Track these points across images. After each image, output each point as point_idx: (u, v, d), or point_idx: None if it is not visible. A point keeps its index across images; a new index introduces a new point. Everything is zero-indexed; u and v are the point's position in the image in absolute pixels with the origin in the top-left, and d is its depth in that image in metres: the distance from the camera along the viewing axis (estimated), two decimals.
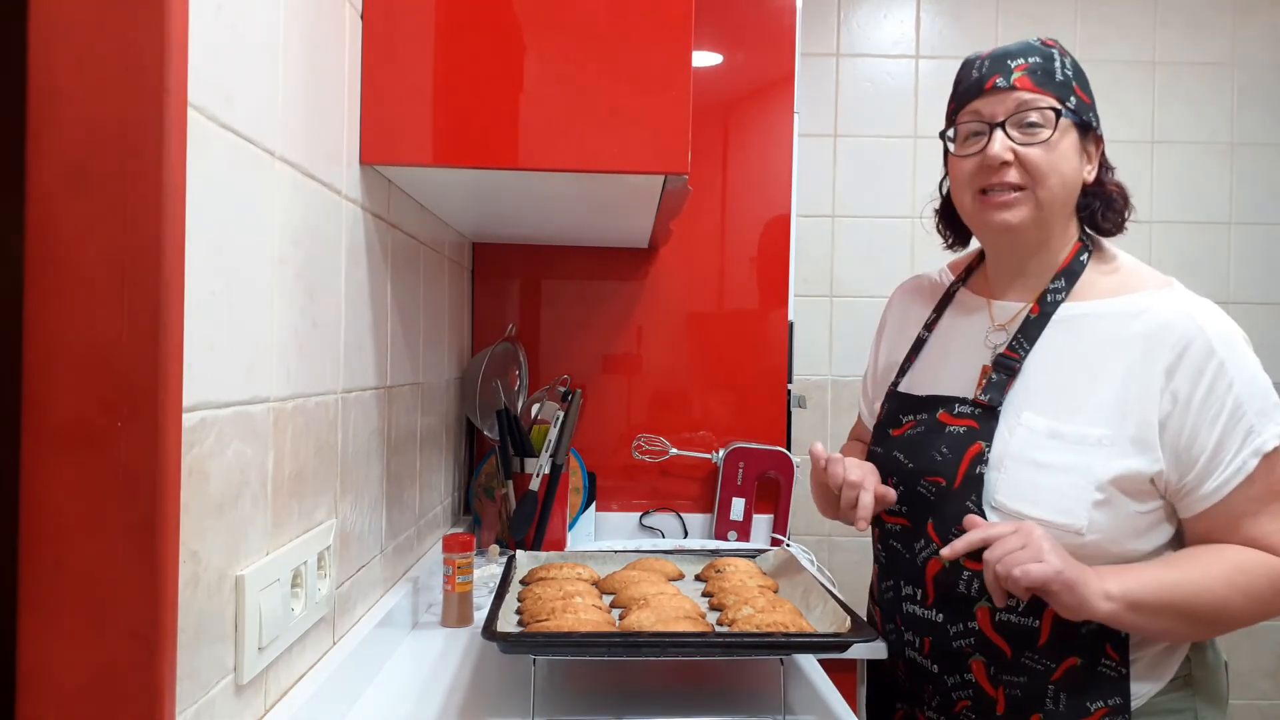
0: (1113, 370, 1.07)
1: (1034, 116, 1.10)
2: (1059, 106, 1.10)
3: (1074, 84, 1.13)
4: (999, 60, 1.13)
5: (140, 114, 0.63)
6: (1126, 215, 1.16)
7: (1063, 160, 1.11)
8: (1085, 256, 1.15)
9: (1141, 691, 1.08)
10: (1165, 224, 2.70)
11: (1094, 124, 1.14)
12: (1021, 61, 1.12)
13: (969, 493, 1.09)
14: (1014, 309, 1.18)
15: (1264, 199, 2.72)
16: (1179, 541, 1.10)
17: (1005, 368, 1.12)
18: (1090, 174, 1.15)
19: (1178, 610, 1.01)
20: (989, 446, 1.09)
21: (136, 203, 0.63)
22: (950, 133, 1.19)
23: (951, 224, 1.28)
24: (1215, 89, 2.70)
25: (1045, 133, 1.10)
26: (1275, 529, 1.04)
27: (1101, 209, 1.15)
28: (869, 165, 2.66)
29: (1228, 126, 2.71)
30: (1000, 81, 1.11)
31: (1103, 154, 1.17)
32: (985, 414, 1.11)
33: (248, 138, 0.79)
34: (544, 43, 1.16)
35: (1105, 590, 0.99)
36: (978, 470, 1.09)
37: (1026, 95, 1.10)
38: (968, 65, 1.18)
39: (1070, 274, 1.14)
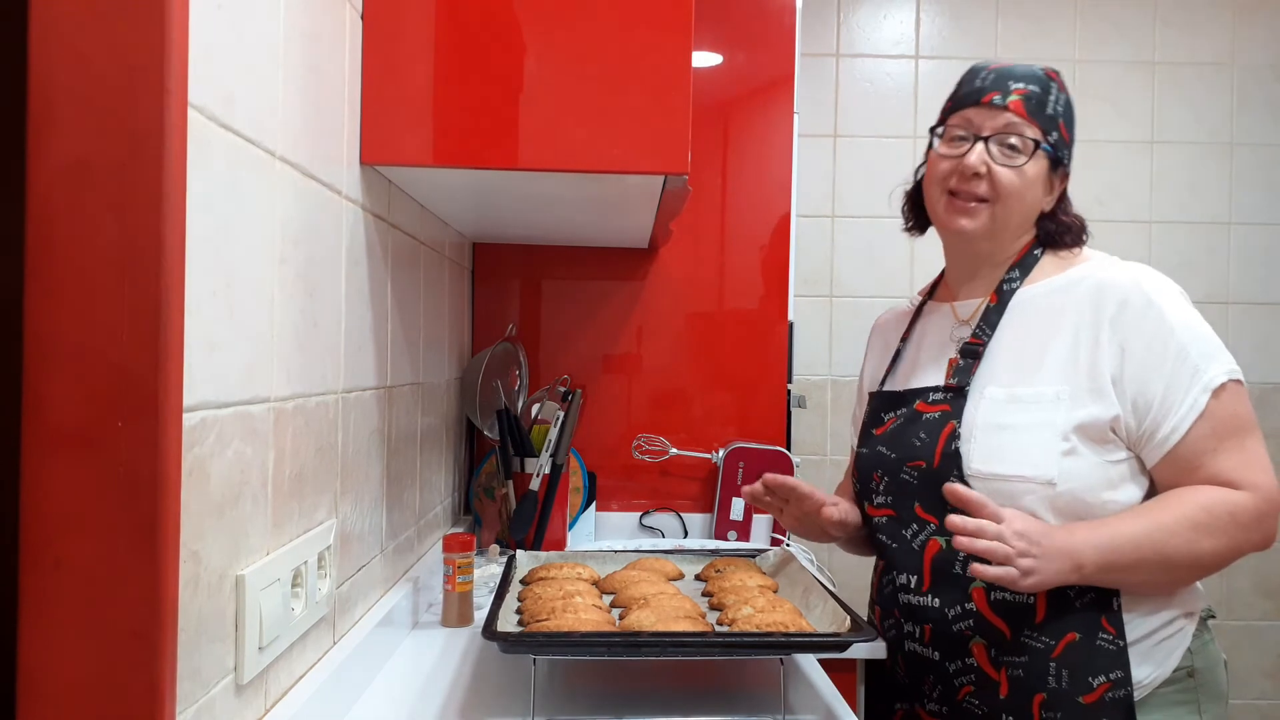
0: (1062, 333, 1.14)
1: (1015, 140, 1.18)
2: (1040, 139, 1.18)
3: (1060, 120, 1.21)
4: (1002, 78, 1.20)
5: (141, 114, 0.63)
6: (1084, 239, 1.24)
7: (1028, 188, 1.19)
8: (1039, 251, 1.23)
9: (1145, 679, 1.10)
10: (1165, 224, 2.70)
11: (1065, 161, 1.22)
12: (1021, 86, 1.19)
13: (949, 468, 1.14)
14: (974, 304, 1.25)
15: (1264, 199, 2.72)
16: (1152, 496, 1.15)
17: (970, 353, 1.20)
18: (1049, 204, 1.23)
19: (1151, 563, 1.06)
20: (959, 423, 1.15)
21: (137, 203, 0.63)
22: (939, 130, 1.25)
23: (915, 210, 1.35)
24: (1215, 89, 2.70)
25: (1021, 159, 1.18)
26: (1234, 464, 1.09)
27: (1059, 232, 1.23)
28: (869, 165, 2.66)
29: (1227, 126, 2.71)
30: (997, 99, 1.19)
31: (1064, 190, 1.24)
32: (955, 396, 1.18)
33: (248, 138, 0.79)
34: (544, 43, 1.16)
35: (1077, 564, 1.04)
36: (953, 447, 1.15)
37: (1015, 119, 1.18)
38: (973, 72, 1.24)
39: (1024, 265, 1.22)
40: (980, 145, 1.18)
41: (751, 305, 2.06)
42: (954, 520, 1.04)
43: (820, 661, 1.26)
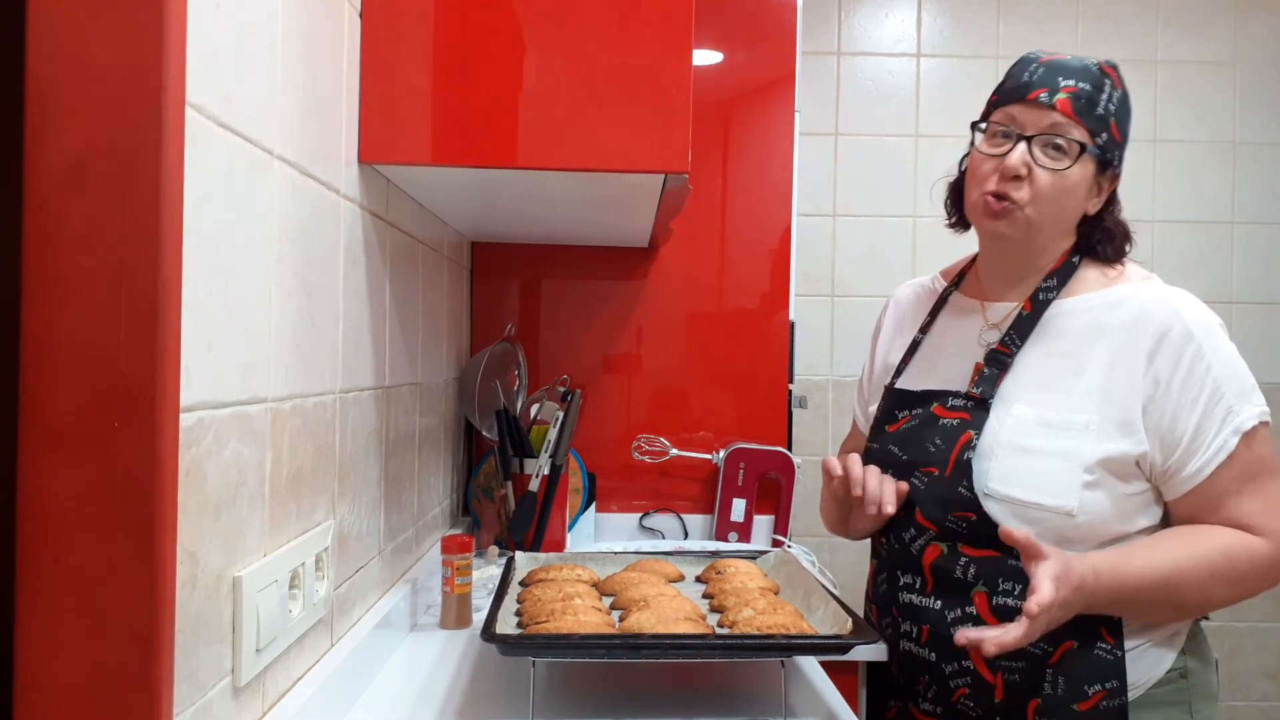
0: (1097, 359, 1.11)
1: (1061, 142, 1.12)
2: (1087, 141, 1.13)
3: (1111, 120, 1.15)
4: (1052, 73, 1.14)
5: (138, 113, 0.63)
6: (1126, 249, 1.20)
7: (1068, 194, 1.14)
8: (1077, 259, 1.19)
9: (1139, 682, 1.10)
10: (1167, 223, 2.70)
11: (1114, 163, 1.17)
12: (1071, 84, 1.13)
13: (959, 479, 1.12)
14: (1006, 309, 1.21)
15: (1266, 198, 2.72)
16: (1166, 524, 1.14)
17: (997, 362, 1.16)
18: (1094, 207, 1.18)
19: (1162, 605, 1.08)
20: (978, 435, 1.13)
21: (134, 202, 0.63)
22: (983, 125, 1.20)
23: (960, 204, 1.29)
24: (1217, 88, 2.70)
25: (1064, 162, 1.12)
26: (1256, 509, 1.08)
27: (1100, 240, 1.19)
28: (870, 164, 2.65)
29: (1229, 126, 2.71)
30: (1044, 97, 1.13)
31: (1114, 191, 1.20)
32: (977, 406, 1.15)
33: (246, 137, 0.79)
34: (543, 41, 1.15)
35: (1089, 606, 1.03)
36: (966, 457, 1.12)
37: (1061, 120, 1.12)
38: (1023, 64, 1.18)
39: (1062, 274, 1.18)
40: (1023, 145, 1.12)
41: (752, 305, 2.05)
42: (978, 638, 0.98)
43: (821, 663, 1.26)
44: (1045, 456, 1.09)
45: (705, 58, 2.03)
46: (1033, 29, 2.66)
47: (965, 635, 0.99)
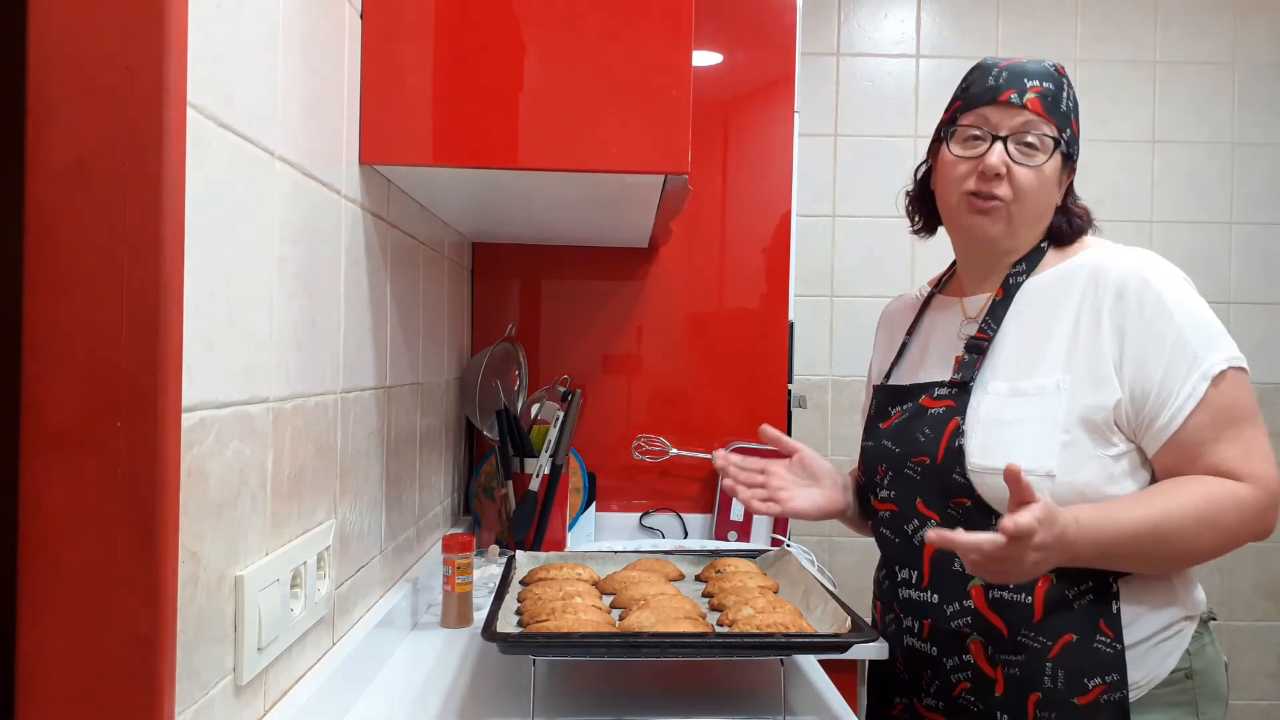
0: (1063, 322, 1.14)
1: (1034, 139, 1.16)
2: (1058, 137, 1.16)
3: (1072, 117, 1.20)
4: (1017, 75, 1.18)
5: (139, 114, 0.63)
6: (1088, 231, 1.23)
7: (1045, 188, 1.18)
8: (1045, 244, 1.22)
9: (1141, 680, 1.10)
10: (1166, 224, 2.70)
11: (1075, 156, 1.22)
12: (1037, 84, 1.17)
13: (952, 465, 1.14)
14: (982, 299, 1.24)
15: (1265, 198, 2.72)
16: None
17: (975, 348, 1.19)
18: (1059, 199, 1.22)
19: (1149, 553, 1.06)
20: (964, 420, 1.15)
21: (136, 202, 0.63)
22: (951, 129, 1.22)
23: (923, 210, 1.33)
24: (1216, 88, 2.70)
25: (1040, 158, 1.16)
26: (1234, 454, 1.07)
27: (1066, 227, 1.22)
28: (869, 165, 2.65)
29: (1229, 126, 2.71)
30: (1014, 97, 1.16)
31: (1071, 182, 1.24)
32: (960, 391, 1.17)
33: (247, 137, 0.79)
34: (544, 42, 1.15)
35: (1072, 556, 1.02)
36: (956, 443, 1.14)
37: (1034, 117, 1.16)
38: (983, 70, 1.21)
39: (1030, 259, 1.21)
40: (999, 145, 1.16)
41: (751, 305, 2.06)
42: (968, 541, 0.97)
43: (821, 662, 1.26)
44: (1020, 424, 1.10)
45: (705, 58, 2.03)
46: (1032, 29, 2.66)
47: (936, 534, 0.97)
